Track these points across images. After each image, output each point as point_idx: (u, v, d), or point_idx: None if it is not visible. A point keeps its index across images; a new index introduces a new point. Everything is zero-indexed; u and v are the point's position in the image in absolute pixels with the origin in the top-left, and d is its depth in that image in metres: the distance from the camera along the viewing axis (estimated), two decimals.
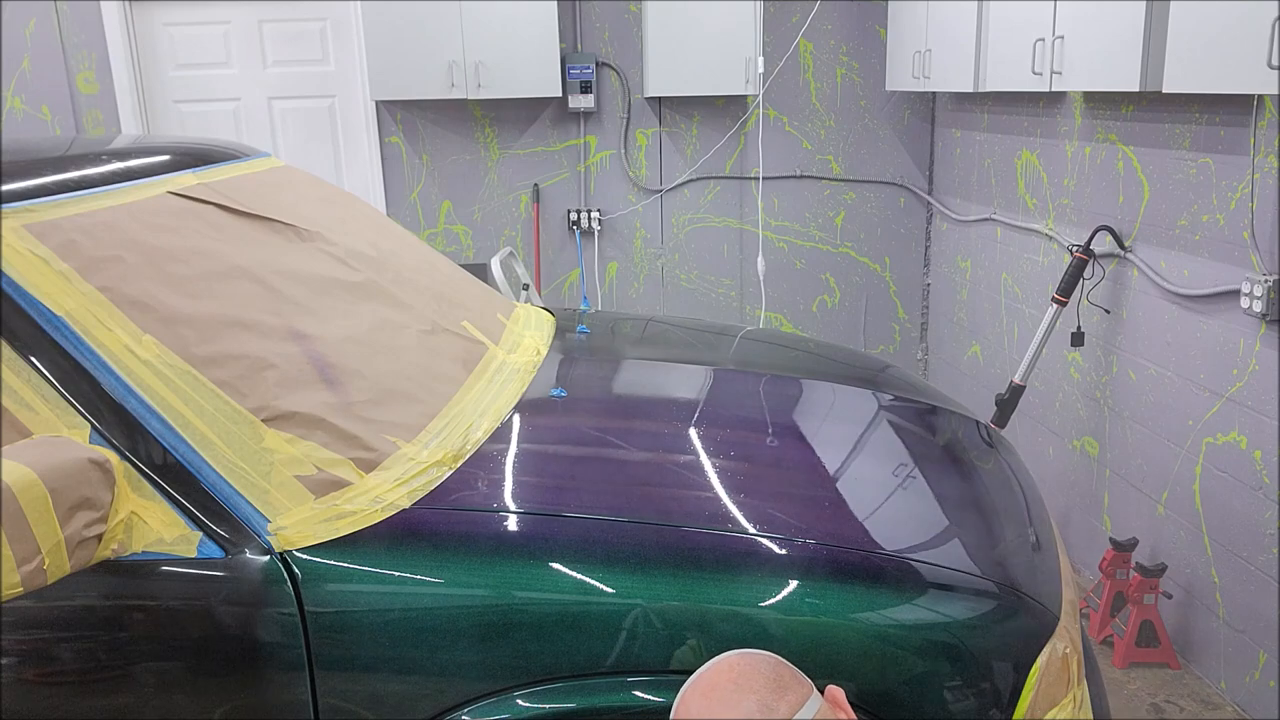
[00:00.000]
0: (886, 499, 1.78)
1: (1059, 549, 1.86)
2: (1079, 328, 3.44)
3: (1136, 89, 2.69)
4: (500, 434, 1.85)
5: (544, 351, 2.32)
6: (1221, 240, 2.77)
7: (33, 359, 1.44)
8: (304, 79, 4.94)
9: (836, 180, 5.11)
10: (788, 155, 5.06)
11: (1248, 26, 2.20)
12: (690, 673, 1.44)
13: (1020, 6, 3.34)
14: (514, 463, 1.77)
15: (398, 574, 1.47)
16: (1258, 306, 2.58)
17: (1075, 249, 3.37)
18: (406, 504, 1.57)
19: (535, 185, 5.02)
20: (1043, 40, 3.15)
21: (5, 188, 1.58)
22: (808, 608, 1.46)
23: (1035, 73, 3.22)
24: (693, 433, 1.95)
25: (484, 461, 1.74)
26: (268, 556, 1.46)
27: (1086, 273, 3.37)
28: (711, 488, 1.73)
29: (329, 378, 1.73)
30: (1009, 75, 3.44)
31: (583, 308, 3.01)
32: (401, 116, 4.92)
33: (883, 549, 1.58)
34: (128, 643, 1.46)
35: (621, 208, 5.08)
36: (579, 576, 1.48)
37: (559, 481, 1.76)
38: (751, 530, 1.58)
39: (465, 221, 5.08)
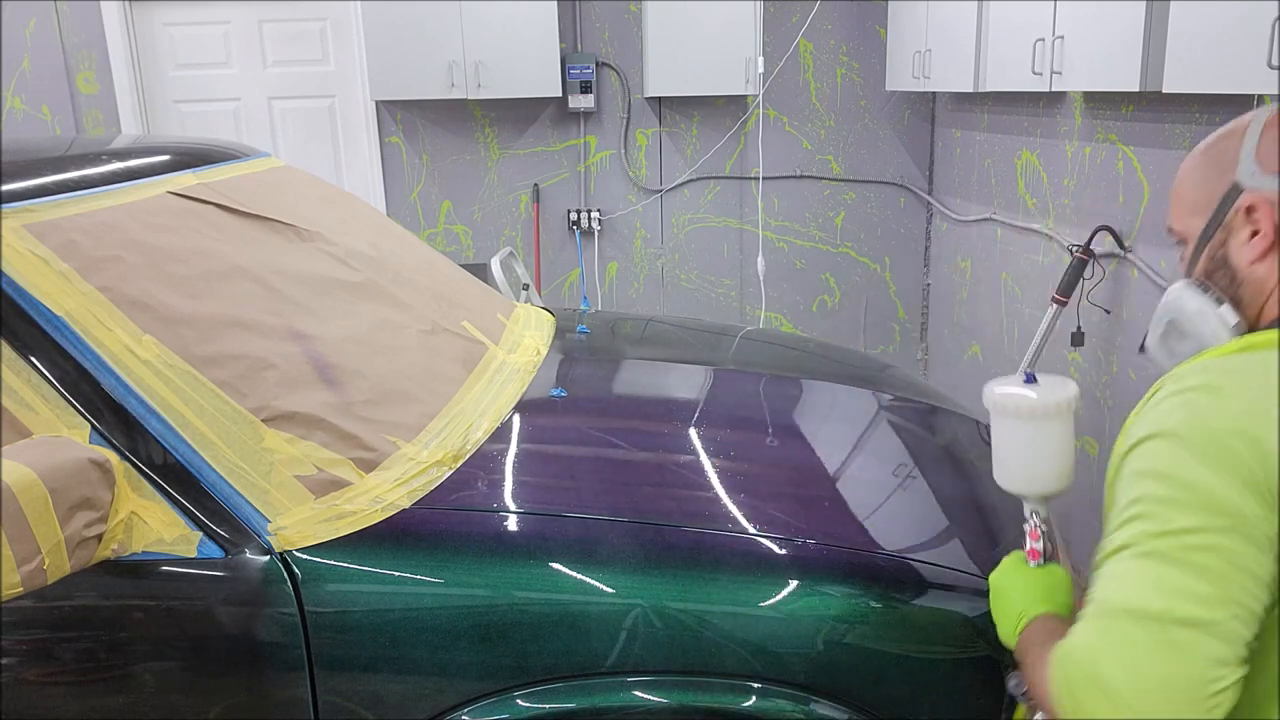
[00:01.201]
0: (886, 499, 1.78)
1: (1059, 549, 1.86)
2: (1079, 328, 3.43)
3: (1136, 89, 2.68)
4: (500, 434, 1.85)
5: (544, 351, 2.32)
6: None
7: (33, 359, 1.44)
8: (304, 79, 4.93)
9: (836, 180, 5.11)
10: (788, 155, 5.06)
11: (1248, 26, 2.20)
12: (689, 673, 1.45)
13: (1020, 6, 3.34)
14: (514, 463, 1.77)
15: (398, 574, 1.47)
16: None
17: (1075, 249, 3.37)
18: (406, 504, 1.57)
19: (535, 185, 5.02)
20: (1043, 40, 3.15)
21: (5, 188, 1.58)
22: (807, 608, 1.45)
23: (1035, 73, 3.21)
24: (693, 433, 1.95)
25: (484, 461, 1.74)
26: (268, 556, 1.46)
27: (1086, 273, 3.36)
28: (711, 488, 1.73)
29: (329, 378, 1.73)
30: (1009, 75, 3.44)
31: (583, 308, 3.01)
32: (401, 116, 4.92)
33: (883, 549, 1.58)
34: (128, 643, 1.46)
35: (621, 208, 5.08)
36: (579, 576, 1.48)
37: (559, 481, 1.76)
38: (751, 530, 1.58)
39: (465, 221, 5.07)
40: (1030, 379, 1.29)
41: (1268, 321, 1.04)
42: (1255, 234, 1.04)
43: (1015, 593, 1.22)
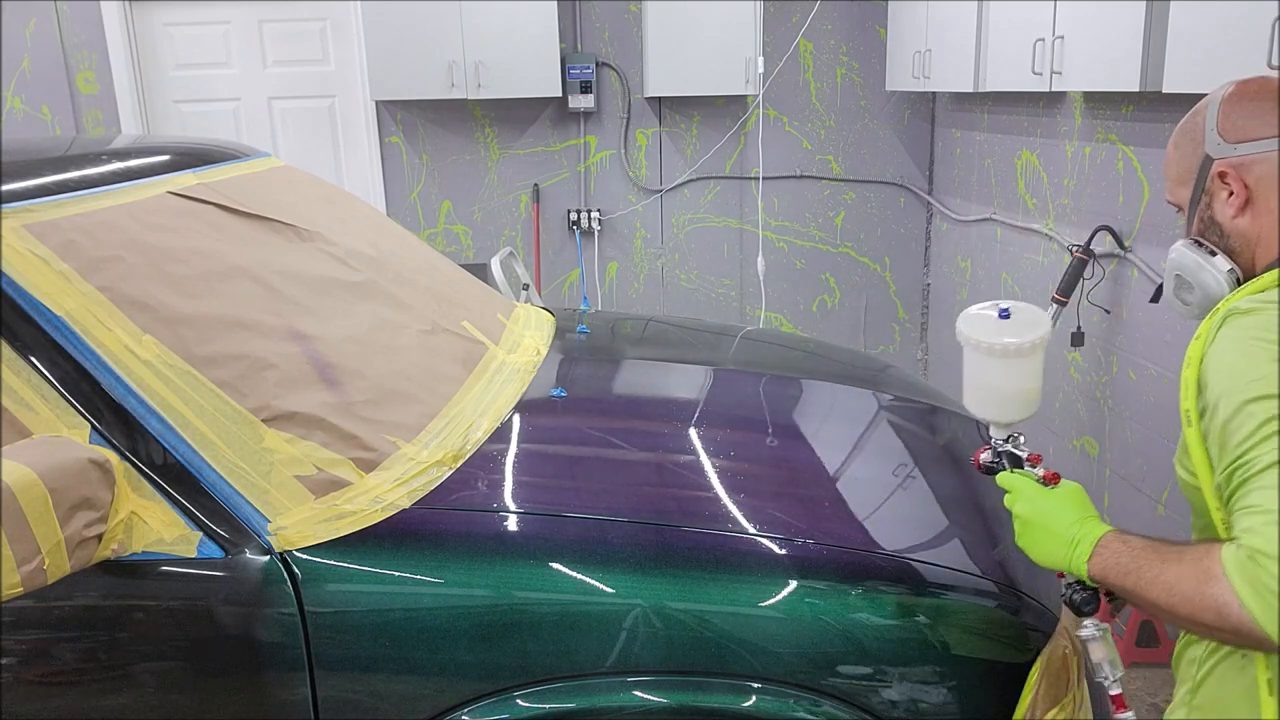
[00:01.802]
0: (886, 499, 1.78)
1: None
2: (1079, 328, 3.43)
3: (1136, 89, 2.68)
4: (500, 434, 1.85)
5: (544, 351, 2.32)
6: None
7: (33, 359, 1.44)
8: (304, 79, 4.93)
9: (836, 180, 5.11)
10: (788, 155, 5.06)
11: (1248, 26, 2.20)
12: (689, 673, 1.45)
13: (1020, 6, 3.34)
14: (514, 463, 1.77)
15: (398, 574, 1.47)
16: None
17: (1075, 249, 3.37)
18: (406, 504, 1.57)
19: (535, 185, 5.02)
20: (1043, 40, 3.15)
21: (5, 188, 1.58)
22: (807, 608, 1.46)
23: (1035, 73, 3.21)
24: (693, 433, 1.95)
25: (484, 461, 1.74)
26: (268, 556, 1.46)
27: (1086, 273, 3.36)
28: (711, 488, 1.73)
29: (329, 378, 1.73)
30: (1009, 75, 3.44)
31: (583, 308, 3.01)
32: (401, 116, 4.92)
33: (883, 549, 1.58)
34: (128, 643, 1.46)
35: (621, 208, 5.08)
36: (579, 577, 1.48)
37: (559, 481, 1.76)
38: (751, 530, 1.58)
39: (465, 221, 5.07)
40: (1004, 314, 1.35)
41: (1264, 265, 1.23)
42: (1231, 194, 1.25)
43: (1057, 518, 1.25)
